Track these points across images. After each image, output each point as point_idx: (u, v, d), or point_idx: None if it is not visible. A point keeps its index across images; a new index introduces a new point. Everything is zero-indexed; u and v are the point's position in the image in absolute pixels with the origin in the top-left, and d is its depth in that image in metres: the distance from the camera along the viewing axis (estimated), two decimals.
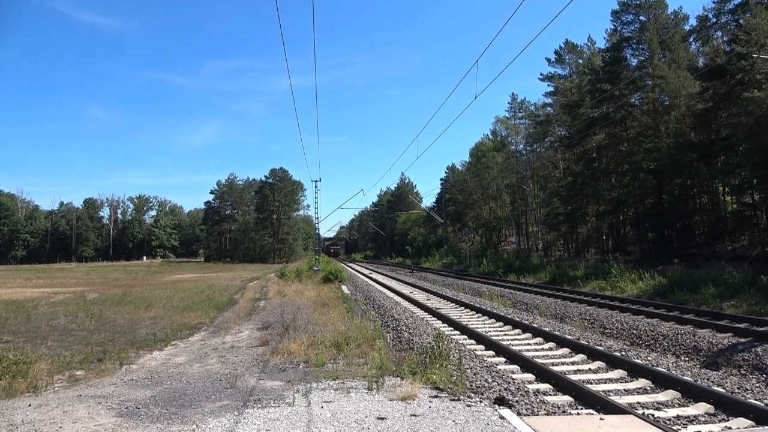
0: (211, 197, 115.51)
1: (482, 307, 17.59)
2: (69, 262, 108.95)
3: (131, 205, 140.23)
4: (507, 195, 59.81)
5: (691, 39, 37.65)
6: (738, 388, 7.73)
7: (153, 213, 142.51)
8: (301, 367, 9.03)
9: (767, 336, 10.63)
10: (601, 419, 5.69)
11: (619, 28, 39.17)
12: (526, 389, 7.56)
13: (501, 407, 6.14)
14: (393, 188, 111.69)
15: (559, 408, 6.73)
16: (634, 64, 37.96)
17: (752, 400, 6.94)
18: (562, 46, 51.07)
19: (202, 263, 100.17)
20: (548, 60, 51.79)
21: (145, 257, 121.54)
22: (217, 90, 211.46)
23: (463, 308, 18.19)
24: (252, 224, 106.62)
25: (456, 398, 6.54)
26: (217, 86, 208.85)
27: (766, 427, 5.63)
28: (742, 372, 9.17)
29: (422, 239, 77.93)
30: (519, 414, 5.96)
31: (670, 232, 33.34)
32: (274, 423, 5.46)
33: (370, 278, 37.28)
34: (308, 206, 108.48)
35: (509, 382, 7.89)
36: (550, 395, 7.36)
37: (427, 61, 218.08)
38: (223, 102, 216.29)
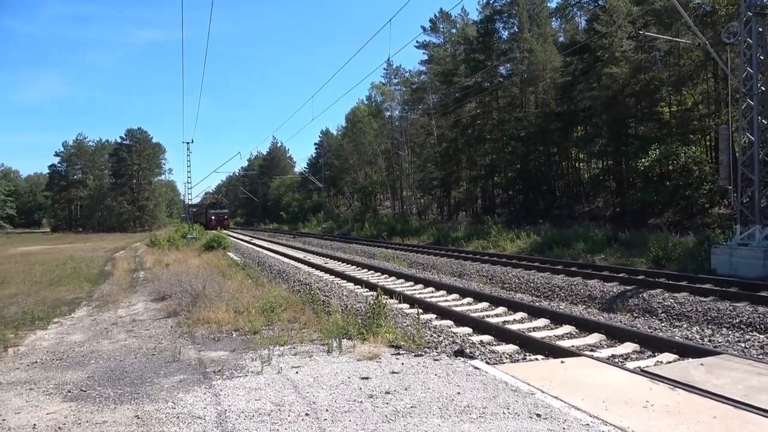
0: (56, 160, 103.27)
1: (384, 267, 17.95)
2: None
3: None
4: (383, 160, 60.95)
5: (557, 16, 40.66)
6: (648, 328, 8.77)
7: None
8: (234, 335, 8.56)
9: (647, 283, 12.17)
10: (561, 362, 6.14)
11: (491, 1, 41.08)
12: (472, 341, 7.91)
13: (467, 359, 6.36)
14: (264, 153, 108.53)
15: (510, 356, 7.16)
16: (505, 36, 40.21)
17: (669, 337, 7.92)
18: (437, 14, 52.43)
19: (48, 234, 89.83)
20: (423, 28, 52.97)
21: None
22: (60, 38, 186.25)
23: (365, 269, 18.41)
24: (107, 190, 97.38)
25: (419, 354, 6.64)
26: (60, 33, 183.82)
27: (689, 359, 6.45)
28: (635, 315, 10.40)
29: (298, 204, 76.92)
30: (488, 364, 6.22)
31: (536, 194, 36.40)
32: (259, 392, 5.13)
33: (254, 244, 36.17)
34: (170, 170, 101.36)
35: (453, 336, 8.21)
36: (496, 345, 7.78)
37: (303, 21, 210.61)
38: (67, 52, 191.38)
